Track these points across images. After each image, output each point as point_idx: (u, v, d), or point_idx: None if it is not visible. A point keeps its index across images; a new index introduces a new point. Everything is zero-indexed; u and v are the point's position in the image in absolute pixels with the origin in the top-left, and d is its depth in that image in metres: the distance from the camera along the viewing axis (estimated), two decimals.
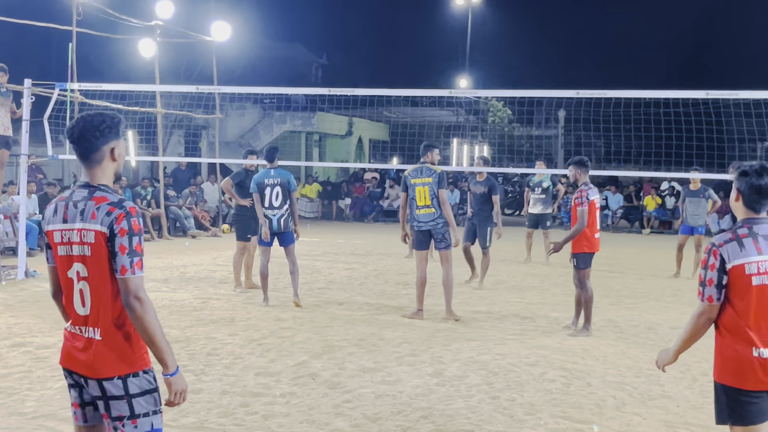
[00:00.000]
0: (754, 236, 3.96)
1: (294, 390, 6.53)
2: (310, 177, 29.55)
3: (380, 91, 13.90)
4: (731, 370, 3.98)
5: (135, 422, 3.37)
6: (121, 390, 3.35)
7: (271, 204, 10.19)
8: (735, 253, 3.93)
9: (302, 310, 10.04)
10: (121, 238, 3.30)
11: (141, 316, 3.29)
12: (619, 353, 8.14)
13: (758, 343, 3.92)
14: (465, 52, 42.67)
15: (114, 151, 3.47)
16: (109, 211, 3.32)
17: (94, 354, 3.36)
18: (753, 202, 4.02)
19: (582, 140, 33.44)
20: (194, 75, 32.46)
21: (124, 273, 3.30)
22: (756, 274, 3.91)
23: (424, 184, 9.56)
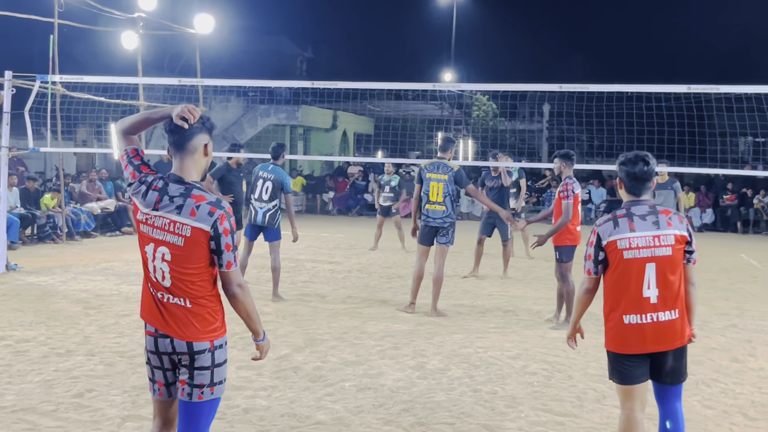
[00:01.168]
0: (630, 216, 4.45)
1: (275, 383, 6.53)
2: (295, 170, 29.52)
3: (364, 84, 13.84)
4: (611, 338, 4.51)
5: (213, 389, 3.77)
6: (208, 360, 3.74)
7: (260, 196, 10.17)
8: (609, 231, 4.44)
9: (285, 303, 10.04)
10: (225, 237, 3.68)
11: (243, 300, 3.78)
12: (600, 346, 8.07)
13: (630, 311, 4.41)
14: (450, 46, 42.63)
15: (206, 147, 3.82)
16: (211, 211, 3.66)
17: (187, 319, 3.72)
18: (632, 188, 4.54)
19: (565, 134, 33.60)
20: (178, 68, 32.30)
21: (230, 267, 3.72)
22: (627, 248, 4.40)
23: (440, 180, 9.48)
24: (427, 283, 9.94)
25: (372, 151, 36.89)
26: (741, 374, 7.28)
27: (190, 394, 3.73)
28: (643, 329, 4.40)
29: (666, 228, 4.42)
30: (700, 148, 15.32)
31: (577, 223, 9.02)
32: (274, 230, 10.25)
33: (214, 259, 3.72)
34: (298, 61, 50.53)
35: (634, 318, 4.40)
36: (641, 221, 4.42)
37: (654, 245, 4.39)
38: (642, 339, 4.41)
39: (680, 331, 4.46)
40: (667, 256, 4.40)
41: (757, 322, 9.77)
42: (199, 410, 3.75)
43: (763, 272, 14.74)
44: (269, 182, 10.17)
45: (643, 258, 4.38)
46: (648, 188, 4.54)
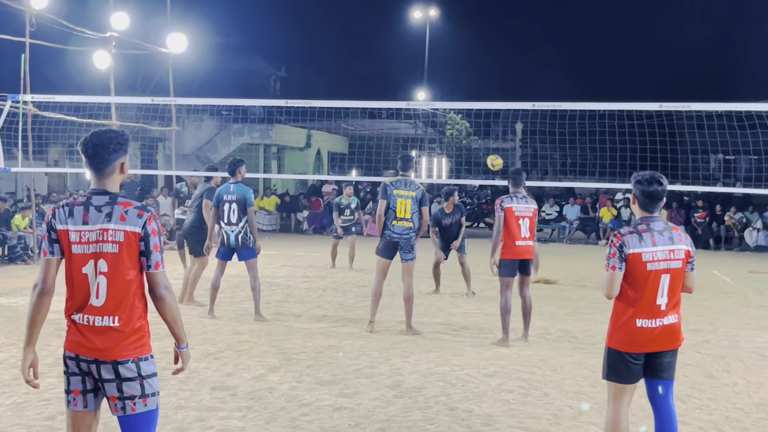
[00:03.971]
0: (651, 231, 4.86)
1: (250, 404, 6.46)
2: (269, 189, 29.40)
3: (337, 102, 13.87)
4: (620, 337, 4.92)
5: (145, 401, 3.83)
6: (135, 372, 3.80)
7: (229, 220, 10.08)
8: (634, 243, 4.82)
9: (259, 323, 9.97)
10: (153, 237, 3.81)
11: (170, 303, 3.86)
12: (576, 363, 8.18)
13: (644, 316, 4.84)
14: (423, 65, 42.86)
15: (123, 165, 3.94)
16: (139, 213, 3.80)
17: (113, 339, 3.77)
18: (646, 205, 4.95)
19: (539, 152, 33.79)
20: (150, 87, 32.21)
21: (157, 268, 3.83)
22: (651, 261, 4.81)
23: (407, 197, 9.42)
24: (394, 301, 9.90)
25: (346, 169, 36.91)
26: (715, 390, 7.31)
27: (123, 408, 3.82)
28: (653, 332, 4.87)
29: (678, 243, 4.89)
30: (672, 165, 15.45)
31: (518, 238, 9.00)
32: (248, 250, 10.16)
33: (143, 262, 3.81)
34: (272, 80, 50.53)
35: (647, 322, 4.85)
36: (660, 236, 4.86)
37: (670, 258, 4.85)
38: (650, 340, 4.87)
39: (679, 332, 5.00)
40: (678, 269, 4.88)
41: (730, 337, 9.84)
42: (136, 423, 3.83)
43: (735, 288, 14.87)
44: (234, 204, 10.06)
45: (661, 270, 4.83)
46: (660, 206, 4.98)
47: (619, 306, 4.95)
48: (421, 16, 42.51)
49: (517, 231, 9.02)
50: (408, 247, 9.49)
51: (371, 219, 26.82)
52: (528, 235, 9.08)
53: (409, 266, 9.57)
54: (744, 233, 24.96)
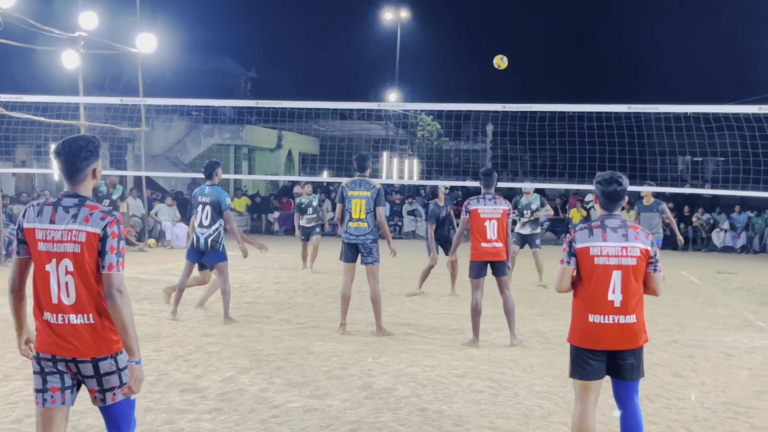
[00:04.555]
0: (603, 227, 5.01)
1: (220, 406, 6.42)
2: (239, 190, 29.27)
3: (307, 103, 13.85)
4: (576, 333, 5.05)
5: (123, 390, 3.96)
6: (113, 366, 3.93)
7: (201, 222, 9.99)
8: (583, 238, 5.00)
9: (230, 325, 9.91)
10: (112, 240, 3.89)
11: (120, 306, 3.86)
12: (546, 363, 8.23)
13: (595, 311, 4.93)
14: (395, 66, 42.89)
15: (95, 171, 4.05)
16: (102, 216, 3.90)
17: (90, 337, 3.89)
18: (606, 204, 5.10)
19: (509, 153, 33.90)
20: (119, 87, 31.94)
21: (111, 269, 3.88)
22: (598, 255, 4.94)
23: (362, 197, 9.41)
24: (366, 302, 9.89)
25: (317, 170, 36.84)
26: (683, 389, 7.38)
27: (103, 399, 3.96)
28: (605, 329, 4.92)
29: (634, 241, 4.97)
30: (640, 167, 15.59)
31: (484, 240, 8.99)
32: (218, 253, 10.06)
33: (99, 263, 3.90)
34: (242, 80, 50.33)
35: (598, 318, 4.93)
36: (613, 233, 4.98)
37: (621, 255, 4.93)
38: (603, 337, 4.93)
39: (638, 333, 4.98)
40: (632, 266, 4.93)
41: (698, 337, 9.94)
42: (116, 411, 3.99)
43: (703, 288, 15.03)
44: (208, 206, 9.96)
45: (611, 265, 4.92)
46: (620, 205, 5.12)
47: (575, 302, 5.08)
48: (393, 17, 42.58)
49: (483, 233, 9.00)
50: (366, 250, 9.43)
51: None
52: (495, 237, 9.00)
53: (372, 269, 9.53)
54: (711, 234, 25.25)
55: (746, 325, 11.00)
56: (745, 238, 24.95)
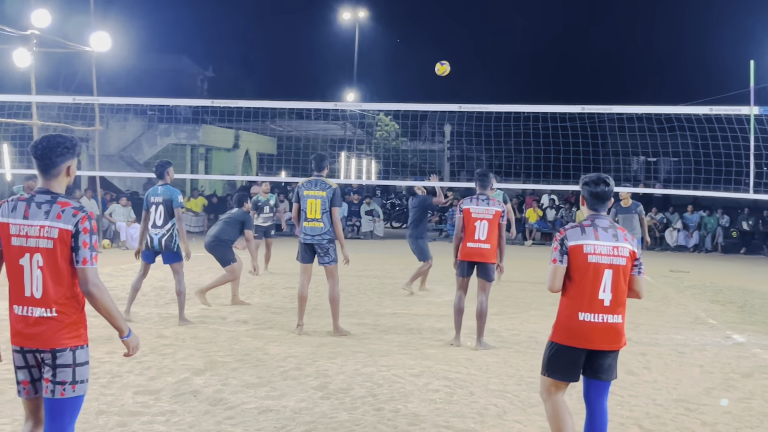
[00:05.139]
0: (595, 227, 5.03)
1: (174, 408, 6.36)
2: (196, 190, 29.04)
3: (263, 103, 13.76)
4: (562, 330, 5.02)
5: (74, 387, 4.06)
6: (70, 360, 4.03)
7: (155, 222, 9.89)
8: (576, 236, 5.00)
9: (185, 326, 9.82)
10: (84, 235, 4.00)
11: (100, 298, 4.03)
12: (501, 362, 8.28)
13: (586, 309, 4.93)
14: (353, 66, 42.87)
15: (69, 169, 4.15)
16: (74, 213, 4.01)
17: (51, 329, 3.99)
18: (594, 205, 5.13)
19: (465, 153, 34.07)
20: (73, 86, 31.51)
21: (85, 263, 4.00)
22: (592, 253, 4.95)
23: (317, 197, 9.37)
24: (324, 303, 9.87)
25: (275, 170, 36.68)
26: (636, 386, 7.47)
27: (53, 391, 4.02)
28: (594, 327, 4.93)
29: (623, 242, 5.02)
30: (594, 167, 15.71)
31: (469, 239, 8.94)
32: (172, 253, 9.97)
33: (72, 258, 4.01)
34: (199, 80, 49.94)
35: (589, 316, 4.93)
36: (604, 232, 5.02)
37: (613, 254, 4.97)
38: (590, 336, 4.94)
39: (622, 334, 5.05)
40: (622, 266, 4.98)
41: (651, 335, 10.07)
42: (61, 407, 4.04)
43: (656, 287, 15.22)
44: (161, 206, 9.88)
45: (604, 264, 4.94)
46: (607, 206, 5.17)
47: (563, 300, 5.06)
48: (351, 17, 42.56)
49: (471, 233, 8.94)
50: (323, 250, 9.40)
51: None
52: (483, 238, 8.91)
53: (329, 269, 9.50)
54: (665, 233, 25.62)
55: (698, 323, 11.18)
56: (697, 238, 25.35)
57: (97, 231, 4.12)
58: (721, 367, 8.43)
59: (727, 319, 11.68)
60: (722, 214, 25.64)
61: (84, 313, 4.15)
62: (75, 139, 4.20)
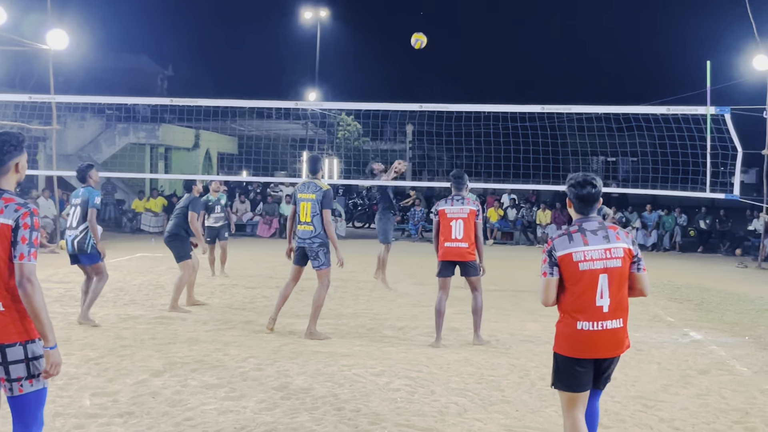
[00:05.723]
0: (582, 231, 4.80)
1: (132, 410, 6.29)
2: (155, 190, 28.75)
3: (223, 101, 13.66)
4: (564, 342, 4.80)
5: (31, 381, 4.01)
6: (21, 355, 3.97)
7: (71, 224, 9.78)
8: (564, 245, 4.77)
9: (144, 327, 9.71)
10: (24, 230, 3.98)
11: (31, 295, 3.93)
12: (463, 360, 8.30)
13: (584, 318, 4.71)
14: (314, 66, 42.76)
15: (17, 165, 4.17)
16: (17, 209, 4.01)
17: None
18: (581, 208, 4.89)
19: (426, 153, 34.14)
20: (30, 85, 30.99)
21: (22, 259, 3.95)
22: (582, 260, 4.72)
23: (308, 200, 9.29)
24: (291, 303, 9.85)
25: (236, 170, 36.46)
26: None
27: (11, 389, 3.99)
28: (595, 336, 4.71)
29: (615, 242, 4.78)
30: (554, 166, 15.88)
31: (447, 239, 9.04)
32: (88, 255, 9.72)
33: (11, 253, 3.98)
34: (159, 79, 49.42)
35: (587, 325, 4.70)
36: (593, 236, 4.77)
37: (606, 257, 4.73)
38: (593, 345, 4.73)
39: (624, 338, 4.83)
40: (617, 268, 4.75)
41: None
42: (23, 403, 4.01)
43: None
44: (78, 207, 9.76)
45: (597, 269, 4.71)
46: (595, 208, 4.91)
47: (561, 310, 4.84)
48: (312, 16, 42.43)
49: (448, 232, 9.03)
50: (312, 254, 9.29)
51: (262, 220, 26.62)
52: (460, 237, 9.00)
53: (319, 273, 9.36)
54: None
55: (656, 321, 11.31)
56: (656, 237, 25.65)
57: (39, 228, 4.07)
58: (679, 364, 8.54)
59: (684, 316, 11.83)
60: (680, 213, 25.97)
61: None
62: (21, 135, 4.20)
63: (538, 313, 11.59)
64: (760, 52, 17.79)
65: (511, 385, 7.36)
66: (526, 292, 13.50)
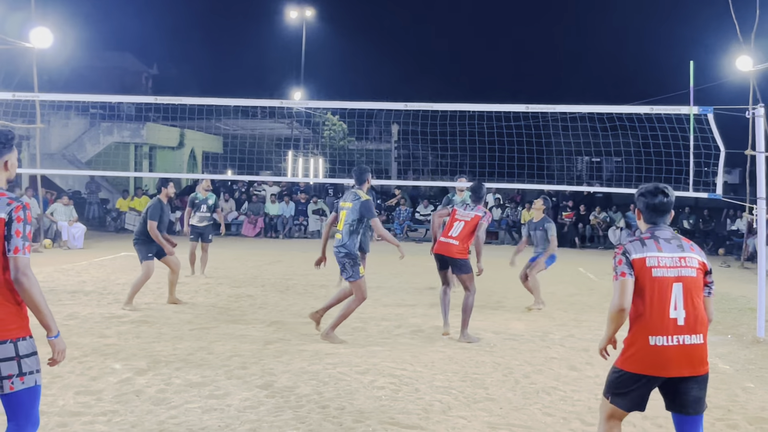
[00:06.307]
0: (655, 238, 4.55)
1: (116, 408, 6.27)
2: (140, 189, 28.65)
3: (208, 100, 13.60)
4: (632, 357, 4.45)
5: (23, 379, 3.94)
6: (12, 352, 3.91)
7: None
8: (637, 249, 4.50)
9: (128, 326, 9.68)
10: (17, 224, 3.93)
11: (28, 288, 3.91)
12: (447, 359, 8.32)
13: (656, 332, 4.38)
14: (300, 65, 42.71)
15: (7, 163, 4.15)
16: (9, 202, 3.96)
17: None
18: (652, 218, 4.66)
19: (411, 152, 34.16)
20: (14, 84, 30.80)
21: (16, 252, 3.91)
22: (656, 266, 4.44)
23: (345, 208, 9.16)
24: (266, 302, 9.85)
25: (221, 169, 36.38)
26: (579, 382, 7.57)
27: (1, 387, 3.92)
28: (668, 351, 4.35)
29: (690, 252, 4.53)
30: (539, 165, 15.92)
31: (444, 234, 9.68)
32: None
33: (4, 247, 3.93)
34: (143, 78, 49.26)
35: (660, 339, 4.36)
36: (667, 243, 4.52)
37: (680, 266, 4.45)
38: (666, 361, 4.37)
39: (704, 357, 4.45)
40: (692, 278, 4.45)
41: (593, 331, 10.20)
42: (15, 401, 3.96)
43: (599, 285, 15.45)
44: None
45: (671, 277, 4.42)
46: (668, 219, 4.66)
47: (630, 323, 4.51)
48: (297, 15, 42.38)
49: (448, 229, 9.61)
50: (341, 265, 9.11)
51: (247, 219, 26.57)
52: (455, 235, 9.52)
53: (352, 285, 9.16)
54: (608, 232, 26.00)
55: None
56: None
57: (31, 222, 4.03)
58: None
59: None
60: None
61: (24, 306, 4.02)
62: (11, 133, 4.16)
63: (522, 312, 11.63)
64: (743, 52, 17.89)
65: (495, 383, 7.38)
66: (510, 290, 13.53)
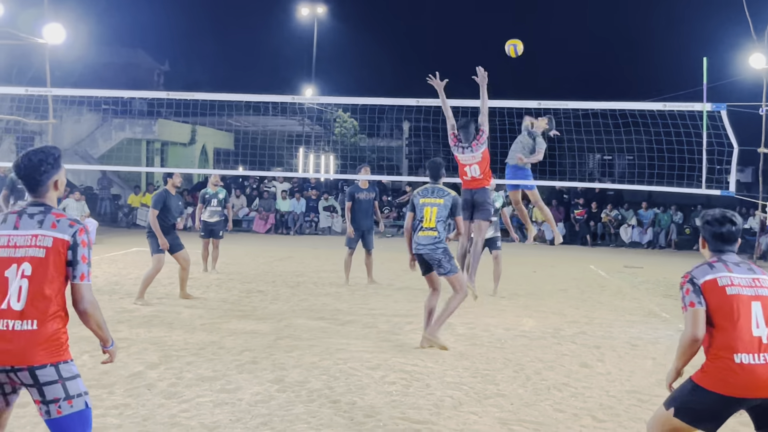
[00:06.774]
0: (723, 262, 4.34)
1: (128, 401, 6.29)
2: (151, 185, 28.72)
3: (219, 95, 13.65)
4: (715, 376, 4.17)
5: (71, 402, 3.83)
6: (54, 375, 3.80)
7: None
8: (705, 272, 4.29)
9: (140, 320, 9.71)
10: (83, 248, 3.91)
11: (93, 315, 3.97)
12: (458, 355, 8.31)
13: (742, 350, 4.13)
14: (311, 62, 42.70)
15: (57, 182, 4.07)
16: (71, 224, 3.93)
17: (29, 344, 3.77)
18: (718, 246, 4.44)
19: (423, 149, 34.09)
20: (27, 79, 30.92)
21: (83, 279, 3.91)
22: (730, 285, 4.22)
23: (434, 204, 8.79)
24: (278, 295, 9.85)
25: (232, 165, 36.43)
26: (590, 379, 7.55)
27: (48, 412, 3.82)
28: (756, 371, 4.10)
29: (762, 274, 4.32)
30: (550, 162, 15.83)
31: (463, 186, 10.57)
32: None
33: (69, 272, 3.89)
34: (155, 74, 49.41)
35: (747, 358, 4.10)
36: (736, 266, 4.31)
37: (756, 285, 4.25)
38: (754, 381, 4.10)
39: None
40: None
41: (605, 329, 10.18)
42: (65, 425, 3.84)
43: (610, 282, 15.41)
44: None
45: (748, 296, 4.20)
46: (735, 248, 4.43)
47: (712, 346, 4.23)
48: (309, 12, 42.37)
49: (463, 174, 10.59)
50: (435, 262, 8.72)
51: (258, 215, 26.62)
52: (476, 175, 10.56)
53: (449, 281, 8.79)
54: (619, 230, 25.94)
55: (651, 317, 11.33)
56: (651, 234, 25.70)
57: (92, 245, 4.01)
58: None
59: (679, 313, 11.70)
60: (676, 211, 26.00)
61: (66, 330, 3.94)
62: (57, 151, 4.10)
63: (534, 308, 11.62)
64: (756, 50, 17.80)
65: (506, 379, 7.37)
66: (521, 287, 13.51)
